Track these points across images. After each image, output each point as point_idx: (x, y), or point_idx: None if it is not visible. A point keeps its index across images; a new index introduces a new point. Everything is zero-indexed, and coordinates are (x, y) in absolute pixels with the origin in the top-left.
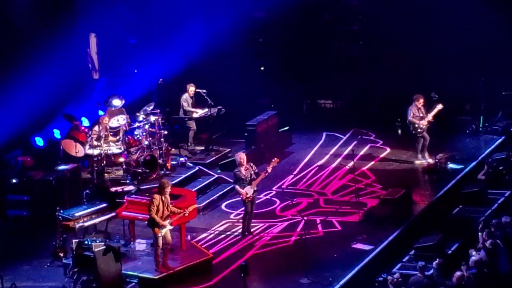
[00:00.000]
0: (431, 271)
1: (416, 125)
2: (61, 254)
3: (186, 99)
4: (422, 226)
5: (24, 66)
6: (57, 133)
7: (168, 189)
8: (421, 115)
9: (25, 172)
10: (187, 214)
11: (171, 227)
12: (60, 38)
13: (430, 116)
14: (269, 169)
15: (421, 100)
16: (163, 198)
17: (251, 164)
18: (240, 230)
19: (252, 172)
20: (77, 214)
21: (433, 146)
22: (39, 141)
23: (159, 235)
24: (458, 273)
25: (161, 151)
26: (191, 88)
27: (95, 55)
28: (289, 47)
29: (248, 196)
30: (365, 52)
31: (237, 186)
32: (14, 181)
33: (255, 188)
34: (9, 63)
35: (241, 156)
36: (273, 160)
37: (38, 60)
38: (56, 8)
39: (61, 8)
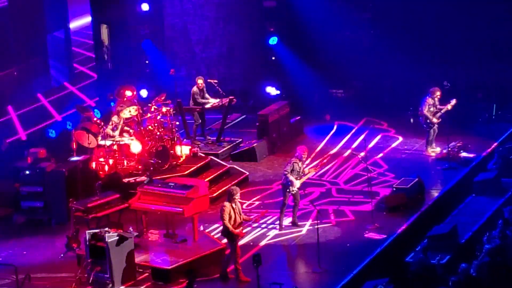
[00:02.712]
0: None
1: (428, 120)
2: (75, 245)
3: (196, 92)
4: (435, 215)
5: None
6: (69, 125)
7: (238, 196)
8: (435, 109)
9: (38, 163)
10: (258, 222)
11: (243, 234)
12: None
13: (443, 111)
14: (317, 169)
15: (438, 93)
16: (234, 205)
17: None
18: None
19: (303, 167)
20: (90, 205)
21: (446, 135)
22: (52, 133)
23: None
24: (463, 265)
25: (172, 142)
26: (199, 81)
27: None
28: (299, 36)
29: (295, 189)
30: (377, 40)
31: (290, 176)
32: (27, 172)
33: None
34: None
35: (304, 151)
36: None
37: None
38: None
39: None
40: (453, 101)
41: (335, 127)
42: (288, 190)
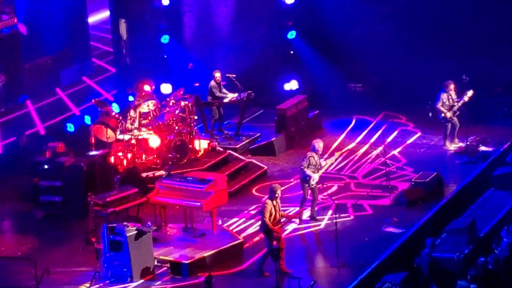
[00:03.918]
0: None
1: (443, 114)
2: (93, 239)
3: (214, 85)
4: (453, 209)
5: None
6: (87, 119)
7: (279, 193)
8: (451, 103)
9: (57, 158)
10: (297, 223)
11: (280, 230)
12: None
13: (460, 103)
14: (334, 160)
15: (451, 86)
16: (275, 202)
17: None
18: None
19: (319, 160)
20: (108, 200)
21: (464, 129)
22: (70, 127)
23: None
24: (482, 259)
25: (191, 136)
26: (217, 74)
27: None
28: (317, 30)
29: (314, 182)
30: (396, 34)
31: (308, 170)
32: (46, 167)
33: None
34: None
35: (320, 145)
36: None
37: None
38: None
39: None
40: (470, 92)
41: (353, 121)
42: (306, 184)
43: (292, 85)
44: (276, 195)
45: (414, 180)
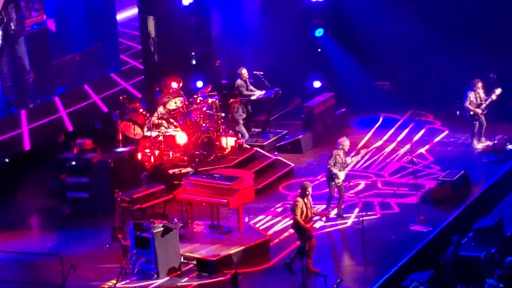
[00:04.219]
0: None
1: (472, 112)
2: (120, 236)
3: (241, 84)
4: (481, 208)
5: None
6: (115, 116)
7: (310, 190)
8: (479, 101)
9: (84, 154)
10: (324, 220)
11: (313, 229)
12: None
13: (488, 102)
14: (359, 157)
15: (479, 85)
16: (306, 200)
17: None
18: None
19: (345, 158)
20: (135, 196)
21: (492, 127)
22: (98, 124)
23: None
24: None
25: (218, 133)
26: (243, 71)
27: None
28: (345, 28)
29: (340, 180)
30: (423, 32)
31: (334, 169)
32: (73, 163)
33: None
34: None
35: (346, 143)
36: (362, 150)
37: None
38: None
39: None
40: (498, 90)
41: (380, 119)
42: (333, 182)
43: (317, 83)
44: (307, 192)
45: (441, 179)
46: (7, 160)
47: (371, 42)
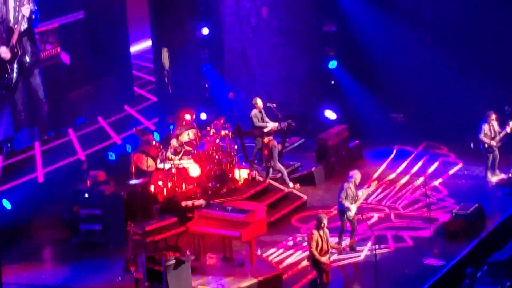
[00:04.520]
0: None
1: (487, 145)
2: (132, 268)
3: (255, 115)
4: (495, 241)
5: None
6: (128, 148)
7: (325, 223)
8: (493, 133)
9: (97, 186)
10: (342, 249)
11: (329, 263)
12: None
13: (502, 134)
14: (370, 190)
15: (493, 116)
16: (322, 233)
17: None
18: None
19: (356, 191)
20: (148, 229)
21: (506, 160)
22: (111, 156)
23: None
24: None
25: (231, 165)
26: (259, 102)
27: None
28: (358, 60)
29: (352, 214)
30: (438, 63)
31: (346, 202)
32: (86, 195)
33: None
34: None
35: (357, 176)
36: (373, 183)
37: None
38: None
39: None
40: None
41: (394, 152)
42: (345, 216)
43: (332, 115)
44: (322, 225)
45: (455, 212)
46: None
47: (385, 73)
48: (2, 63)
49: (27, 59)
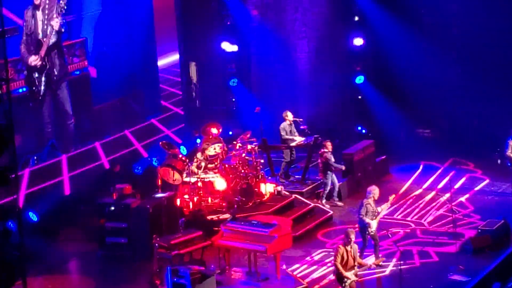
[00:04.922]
0: None
1: None
2: (158, 282)
3: (284, 128)
4: None
5: None
6: (155, 161)
7: (353, 238)
8: None
9: (123, 199)
10: (373, 266)
11: (355, 279)
12: None
13: None
14: (389, 204)
15: None
16: (349, 248)
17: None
18: None
19: (375, 206)
20: (173, 242)
21: None
22: (138, 169)
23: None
24: None
25: (257, 180)
26: (289, 115)
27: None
28: (386, 75)
29: (373, 229)
30: (465, 79)
31: (366, 218)
32: (112, 208)
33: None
34: None
35: (376, 191)
36: (390, 197)
37: None
38: None
39: None
40: None
41: (421, 167)
42: (366, 232)
43: (361, 130)
44: (349, 239)
45: (481, 228)
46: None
47: (412, 89)
48: (31, 75)
49: (55, 72)
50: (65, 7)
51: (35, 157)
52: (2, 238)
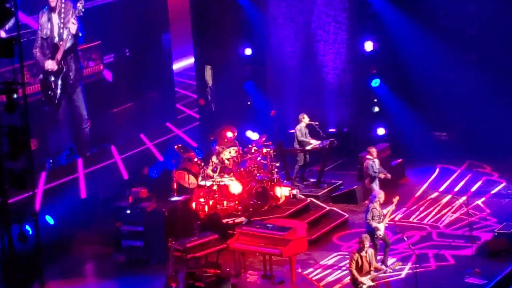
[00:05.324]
0: None
1: None
2: (173, 285)
3: (300, 129)
4: None
5: None
6: (170, 165)
7: (367, 243)
8: None
9: (139, 203)
10: (390, 272)
11: (372, 284)
12: None
13: None
14: (394, 207)
15: None
16: (363, 253)
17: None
18: None
19: (381, 210)
20: (189, 245)
21: None
22: (153, 173)
23: None
24: None
25: (272, 183)
26: (306, 118)
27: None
28: (402, 78)
29: (381, 233)
30: (482, 82)
31: (373, 223)
32: (128, 211)
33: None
34: None
35: (381, 195)
36: (394, 199)
37: None
38: None
39: None
40: None
41: (437, 170)
42: (375, 236)
43: (382, 130)
44: (362, 245)
45: (497, 231)
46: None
47: (428, 91)
48: (47, 79)
49: (71, 75)
50: (83, 10)
51: (50, 161)
52: (19, 242)
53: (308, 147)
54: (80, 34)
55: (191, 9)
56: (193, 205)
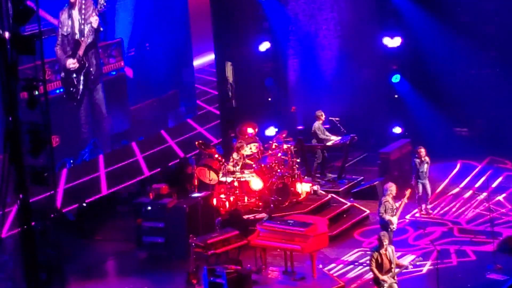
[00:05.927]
0: None
1: None
2: (194, 281)
3: (319, 127)
4: None
5: None
6: (191, 161)
7: (386, 241)
8: None
9: (160, 199)
10: (411, 268)
11: (393, 281)
12: None
13: None
14: (406, 200)
15: None
16: (383, 251)
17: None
18: None
19: (394, 203)
20: (209, 242)
21: None
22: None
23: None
24: None
25: (293, 179)
26: (322, 114)
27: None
28: (422, 74)
29: (394, 226)
30: (503, 78)
31: (386, 216)
32: (149, 208)
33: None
34: None
35: (393, 188)
36: (407, 192)
37: None
38: None
39: None
40: None
41: (458, 166)
42: (389, 229)
43: (398, 129)
44: (382, 243)
45: None
46: (84, 204)
47: (449, 87)
48: (68, 75)
49: (92, 71)
50: (105, 4)
51: (71, 161)
52: (41, 238)
53: (329, 143)
54: (101, 29)
55: (211, 5)
56: (214, 201)
